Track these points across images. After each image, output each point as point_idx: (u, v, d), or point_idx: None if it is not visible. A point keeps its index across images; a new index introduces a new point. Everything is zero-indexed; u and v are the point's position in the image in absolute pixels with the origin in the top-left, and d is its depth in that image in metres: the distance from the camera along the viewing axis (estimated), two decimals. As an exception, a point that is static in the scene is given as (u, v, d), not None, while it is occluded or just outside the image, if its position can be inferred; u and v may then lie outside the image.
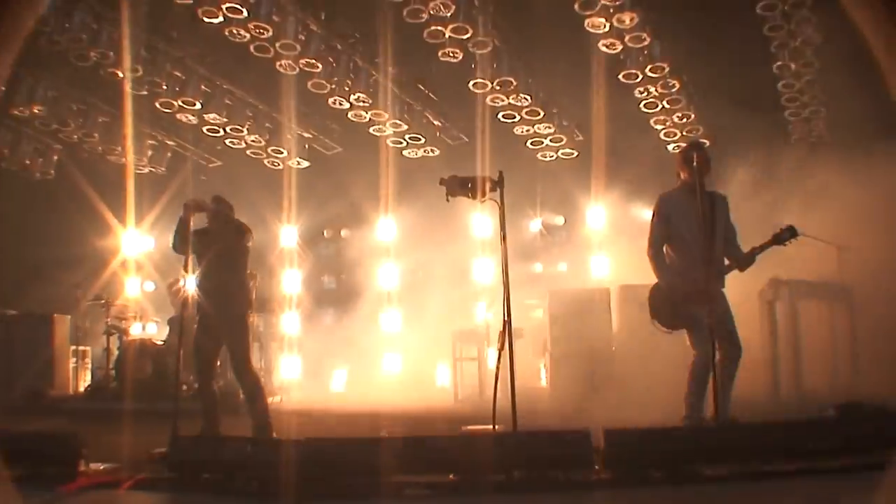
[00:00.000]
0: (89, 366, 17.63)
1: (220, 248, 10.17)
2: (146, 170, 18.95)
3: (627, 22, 13.83)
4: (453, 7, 13.49)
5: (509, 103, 16.21)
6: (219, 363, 10.92)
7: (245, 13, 13.40)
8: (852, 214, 13.41)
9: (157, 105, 16.10)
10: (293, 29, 14.20)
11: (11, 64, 9.02)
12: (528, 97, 16.15)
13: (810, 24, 13.78)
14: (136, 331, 17.18)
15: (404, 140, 18.05)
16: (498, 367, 8.54)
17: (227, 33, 13.82)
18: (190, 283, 10.28)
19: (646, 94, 15.90)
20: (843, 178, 13.73)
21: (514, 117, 16.83)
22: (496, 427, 8.59)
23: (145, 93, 15.61)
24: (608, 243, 18.45)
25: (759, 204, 13.10)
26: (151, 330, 17.75)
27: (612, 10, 13.53)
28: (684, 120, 16.86)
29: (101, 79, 15.16)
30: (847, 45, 11.73)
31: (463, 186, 8.95)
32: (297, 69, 14.97)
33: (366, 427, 12.35)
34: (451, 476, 7.13)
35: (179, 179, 18.18)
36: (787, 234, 8.80)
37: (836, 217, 13.18)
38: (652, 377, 12.82)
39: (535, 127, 17.36)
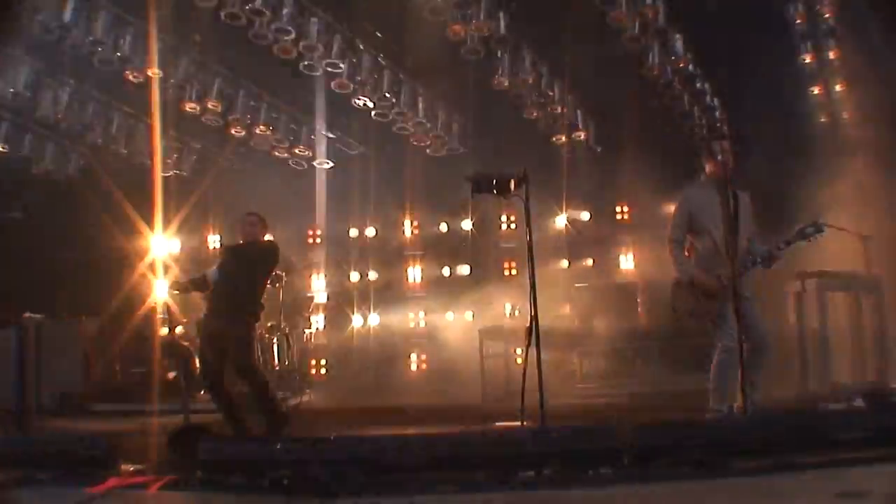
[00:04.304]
0: (118, 367, 17.68)
1: (244, 265, 10.29)
2: (171, 172, 19.00)
3: (650, 16, 13.81)
4: (474, 4, 13.49)
5: (533, 99, 16.19)
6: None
7: (268, 15, 13.43)
8: (879, 203, 13.36)
9: (182, 107, 16.15)
10: (316, 29, 14.23)
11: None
12: (552, 93, 16.14)
13: (833, 14, 13.75)
14: (164, 332, 17.27)
15: (428, 138, 18.04)
16: (525, 364, 8.56)
17: (250, 35, 13.86)
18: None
19: (670, 87, 15.86)
20: (869, 168, 13.70)
21: (538, 113, 16.80)
22: (524, 423, 8.61)
23: (170, 95, 15.67)
24: (634, 239, 18.44)
25: (784, 196, 13.07)
26: (179, 331, 17.81)
27: (635, 5, 13.51)
28: (708, 112, 16.80)
29: (124, 82, 15.22)
30: (871, 35, 11.72)
31: (488, 183, 8.98)
32: (321, 70, 15.00)
33: (394, 424, 12.37)
34: (479, 472, 7.13)
35: (205, 181, 18.29)
36: (811, 230, 8.76)
37: (863, 207, 13.14)
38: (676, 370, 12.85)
39: (560, 122, 17.34)
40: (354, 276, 20.87)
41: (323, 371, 19.60)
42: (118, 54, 14.23)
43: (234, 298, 10.31)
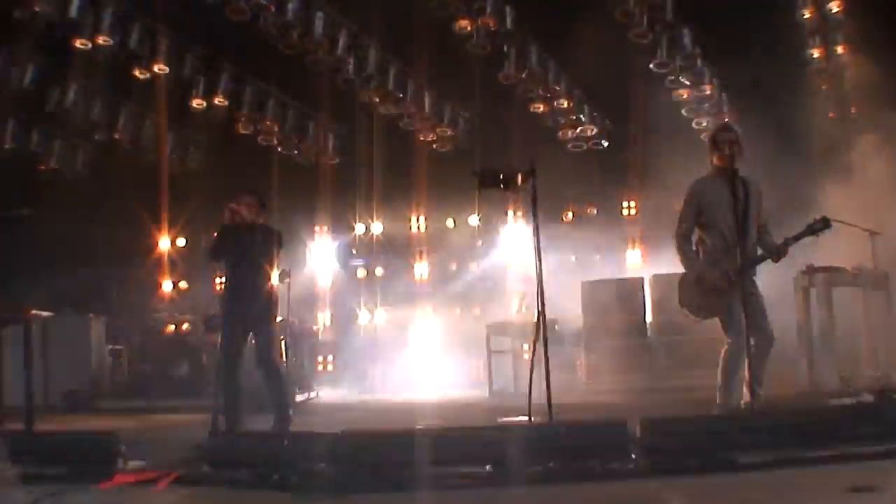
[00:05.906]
0: (125, 364, 17.68)
1: (251, 250, 10.24)
2: (178, 169, 19.00)
3: (657, 10, 13.77)
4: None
5: (540, 94, 16.15)
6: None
7: (273, 10, 13.41)
8: (886, 198, 13.33)
9: (188, 103, 16.13)
10: (321, 24, 14.20)
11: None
12: (559, 87, 16.09)
13: (841, 8, 13.71)
14: (171, 329, 17.29)
15: (435, 133, 17.99)
16: (532, 359, 8.54)
17: (256, 30, 13.85)
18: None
19: (677, 82, 15.81)
20: (875, 162, 13.67)
21: (545, 108, 16.75)
22: (532, 418, 8.59)
23: (177, 91, 15.67)
24: (642, 233, 18.43)
25: (791, 191, 13.03)
26: (186, 328, 17.83)
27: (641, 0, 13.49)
28: (716, 109, 16.73)
29: (131, 79, 15.20)
30: (878, 28, 11.69)
31: (495, 178, 8.96)
32: (327, 65, 14.97)
33: (402, 420, 12.36)
34: (487, 467, 7.11)
35: (211, 178, 18.26)
36: (820, 225, 8.68)
37: (869, 201, 13.10)
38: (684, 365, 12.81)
39: (567, 117, 17.30)
40: (361, 272, 20.85)
41: (330, 367, 19.56)
42: (125, 50, 14.20)
43: (253, 294, 10.28)
